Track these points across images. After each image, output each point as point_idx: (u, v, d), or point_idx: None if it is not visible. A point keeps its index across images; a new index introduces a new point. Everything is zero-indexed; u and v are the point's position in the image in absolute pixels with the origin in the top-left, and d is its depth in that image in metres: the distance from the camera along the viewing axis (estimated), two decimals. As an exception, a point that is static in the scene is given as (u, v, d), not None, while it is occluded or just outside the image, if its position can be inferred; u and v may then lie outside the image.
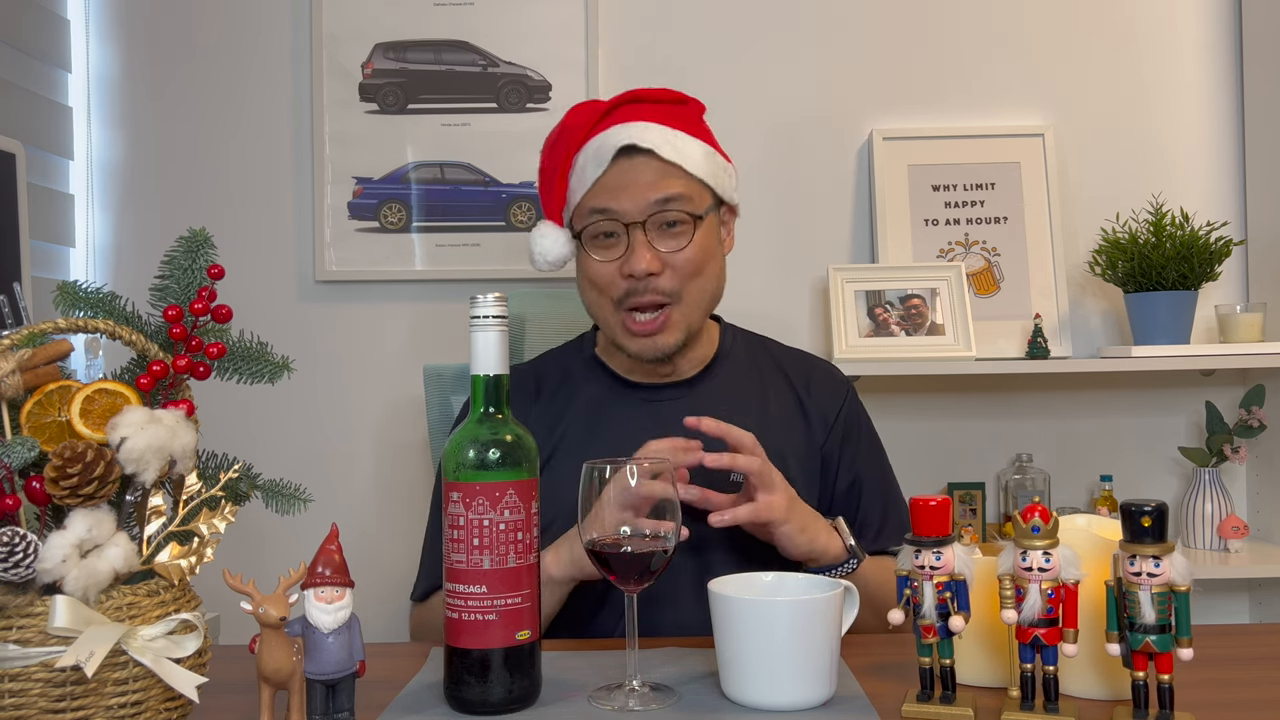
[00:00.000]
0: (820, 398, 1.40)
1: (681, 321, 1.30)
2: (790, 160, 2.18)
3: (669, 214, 1.27)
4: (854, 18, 2.18)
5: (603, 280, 1.29)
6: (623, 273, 1.27)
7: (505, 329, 0.94)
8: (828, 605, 0.91)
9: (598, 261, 1.29)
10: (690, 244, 1.28)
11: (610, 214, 1.27)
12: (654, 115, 1.30)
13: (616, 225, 1.27)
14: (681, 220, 1.28)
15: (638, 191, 1.26)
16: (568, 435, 1.33)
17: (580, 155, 1.30)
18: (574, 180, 1.30)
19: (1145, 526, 0.81)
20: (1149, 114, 2.19)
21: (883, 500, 1.40)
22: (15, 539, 0.77)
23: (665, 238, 1.27)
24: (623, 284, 1.27)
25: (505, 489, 0.90)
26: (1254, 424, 2.05)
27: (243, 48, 2.17)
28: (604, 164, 1.27)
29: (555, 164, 1.32)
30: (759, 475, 1.16)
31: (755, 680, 0.90)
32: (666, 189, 1.27)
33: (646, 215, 1.26)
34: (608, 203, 1.27)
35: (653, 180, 1.27)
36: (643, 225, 1.26)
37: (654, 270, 1.26)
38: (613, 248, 1.28)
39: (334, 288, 2.16)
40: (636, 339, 1.29)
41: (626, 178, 1.27)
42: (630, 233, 1.26)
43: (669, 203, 1.27)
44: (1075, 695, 0.92)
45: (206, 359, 0.94)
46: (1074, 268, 2.16)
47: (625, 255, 1.26)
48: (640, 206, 1.26)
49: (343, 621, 0.85)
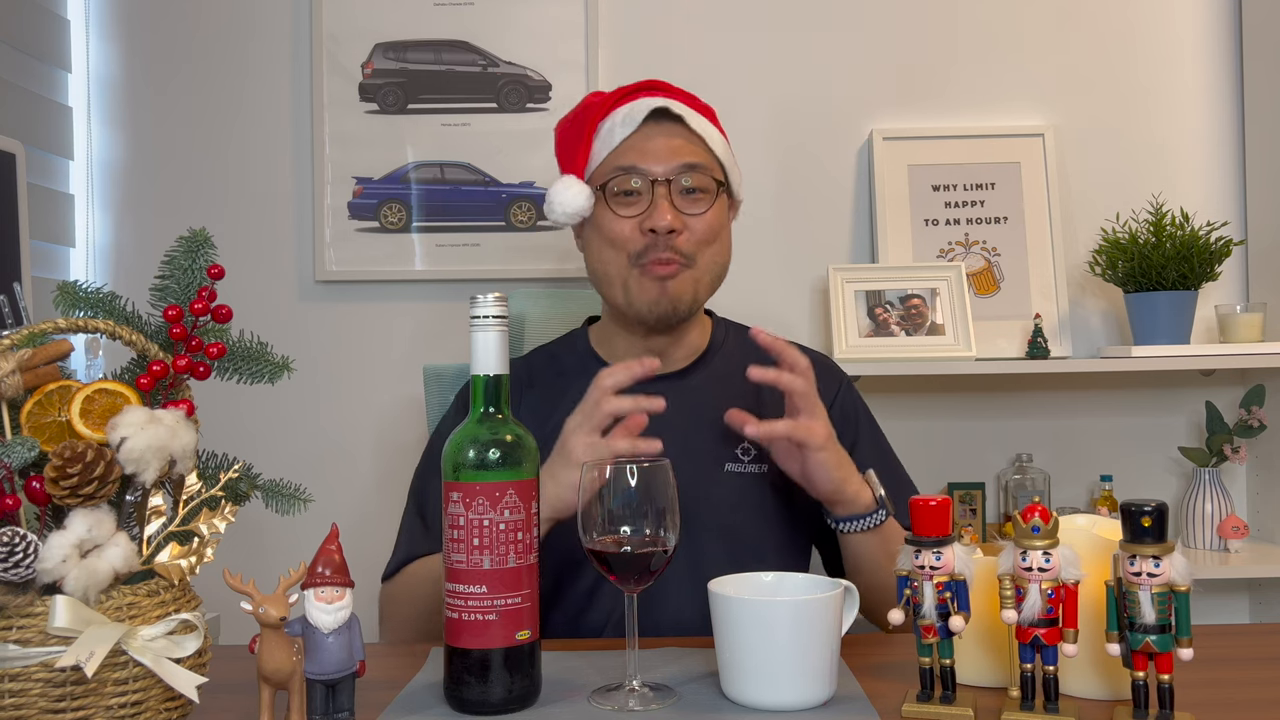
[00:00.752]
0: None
1: (692, 284, 1.32)
2: (790, 160, 2.18)
3: (692, 177, 1.30)
4: (854, 17, 2.18)
5: (621, 236, 1.30)
6: (643, 228, 1.28)
7: (505, 329, 0.94)
8: (828, 605, 0.91)
9: (618, 216, 1.30)
10: (709, 210, 1.31)
11: (636, 171, 1.29)
12: (676, 98, 1.35)
13: (641, 183, 1.29)
14: (702, 188, 1.31)
15: (665, 153, 1.30)
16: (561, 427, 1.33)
17: (607, 121, 1.32)
18: (598, 143, 1.32)
19: (1145, 526, 0.81)
20: (1149, 114, 2.19)
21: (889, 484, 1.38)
22: (15, 539, 0.77)
23: (686, 202, 1.30)
24: (641, 240, 1.29)
25: (505, 489, 0.90)
26: (1254, 424, 2.05)
27: (243, 48, 2.17)
28: (634, 125, 1.30)
29: (579, 130, 1.34)
30: (804, 397, 1.18)
31: (755, 680, 0.90)
32: (692, 155, 1.31)
33: (672, 175, 1.29)
34: (635, 160, 1.29)
35: (680, 145, 1.31)
36: (668, 184, 1.29)
37: (675, 227, 1.28)
38: (634, 204, 1.30)
39: (334, 288, 2.16)
40: (652, 287, 1.30)
41: (655, 141, 1.30)
42: (654, 190, 1.29)
43: (694, 168, 1.30)
44: (1075, 695, 0.92)
45: (206, 359, 0.94)
46: (1074, 268, 2.16)
47: (647, 211, 1.29)
48: (667, 166, 1.29)
49: (343, 621, 0.85)
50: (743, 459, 1.34)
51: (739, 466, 1.34)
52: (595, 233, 1.34)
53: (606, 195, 1.31)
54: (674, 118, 1.31)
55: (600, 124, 1.32)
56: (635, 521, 0.94)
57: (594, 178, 1.33)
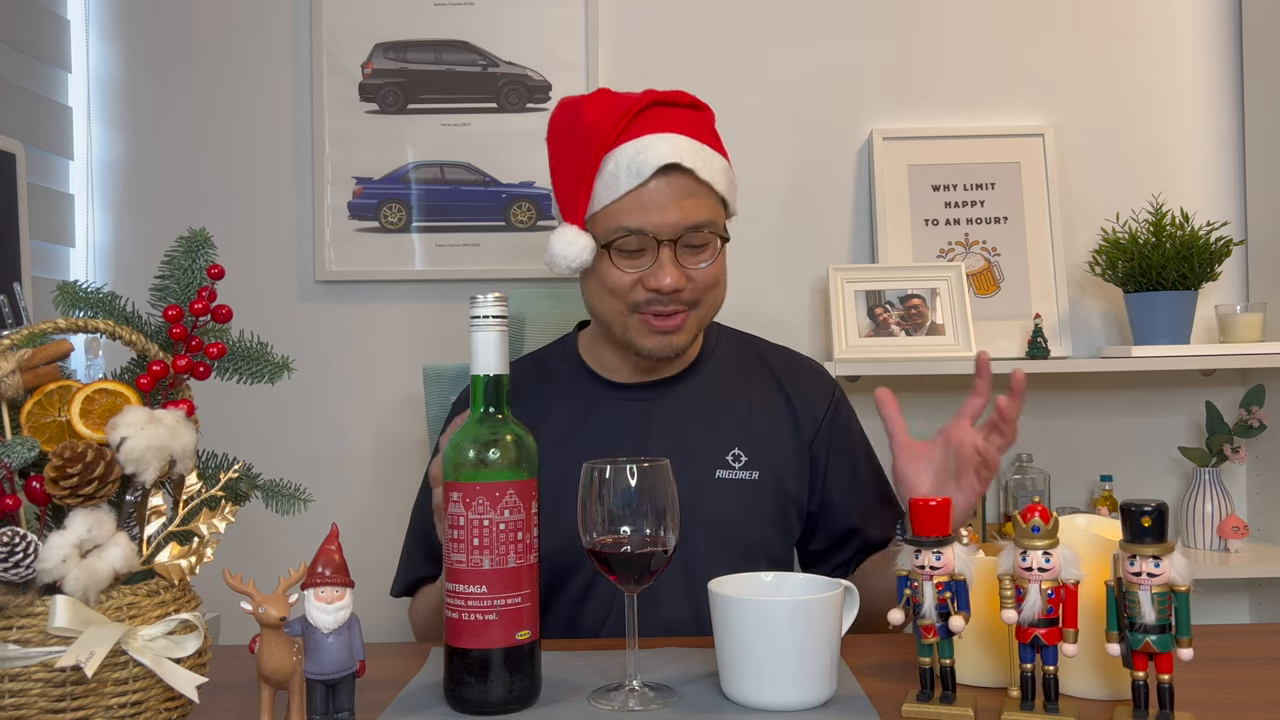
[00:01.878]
0: (808, 395, 1.41)
1: (695, 325, 1.32)
2: (790, 160, 2.18)
3: (698, 235, 1.28)
4: (854, 17, 2.18)
5: (622, 287, 1.28)
6: (647, 285, 1.27)
7: (505, 329, 0.94)
8: (828, 605, 0.91)
9: (620, 270, 1.27)
10: (713, 262, 1.29)
11: (642, 232, 1.25)
12: (680, 123, 1.29)
13: (646, 241, 1.26)
14: (707, 243, 1.29)
15: (671, 213, 1.25)
16: (549, 434, 1.33)
17: (610, 161, 1.26)
18: (601, 186, 1.27)
19: (1145, 526, 0.81)
20: (1149, 114, 2.18)
21: (879, 495, 1.41)
22: (15, 539, 0.77)
23: (690, 254, 1.28)
24: (642, 293, 1.27)
25: (505, 489, 0.90)
26: (1254, 424, 2.05)
27: (243, 48, 2.17)
28: (641, 178, 1.25)
29: (578, 164, 1.29)
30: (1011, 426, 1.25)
31: (755, 680, 0.90)
32: (698, 213, 1.27)
33: (678, 235, 1.26)
34: (642, 222, 1.25)
35: (685, 202, 1.26)
36: (673, 244, 1.26)
37: (679, 286, 1.26)
38: (637, 259, 1.27)
39: (334, 288, 2.16)
40: (652, 337, 1.29)
41: (662, 196, 1.25)
42: (660, 249, 1.26)
43: (700, 227, 1.27)
44: (1075, 695, 0.92)
45: (206, 359, 0.94)
46: (1074, 268, 2.16)
47: (652, 270, 1.26)
48: (673, 227, 1.26)
49: (343, 621, 0.86)
50: (733, 465, 1.34)
51: (730, 473, 1.34)
52: (596, 280, 1.30)
53: (611, 251, 1.27)
54: (683, 169, 1.26)
55: (603, 162, 1.26)
56: (635, 521, 0.94)
57: (595, 223, 1.28)
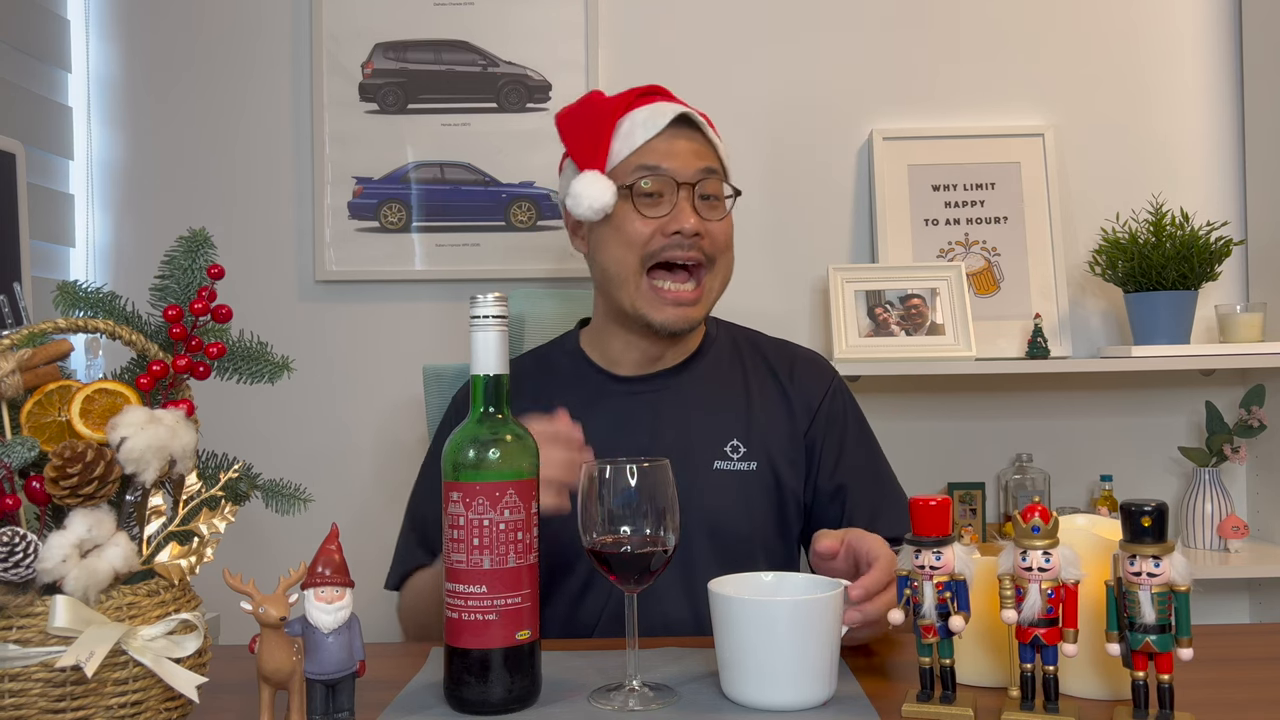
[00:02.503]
0: (803, 385, 1.41)
1: (709, 294, 1.35)
2: (790, 160, 2.17)
3: (712, 184, 1.34)
4: (854, 17, 2.18)
5: (640, 236, 1.31)
6: (666, 230, 1.30)
7: (505, 329, 0.94)
8: (828, 605, 0.91)
9: (641, 216, 1.32)
10: (725, 217, 1.36)
11: (661, 172, 1.31)
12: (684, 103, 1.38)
13: (665, 184, 1.32)
14: (719, 195, 1.35)
15: (689, 158, 1.33)
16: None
17: (625, 121, 1.34)
18: (618, 142, 1.33)
19: (1145, 526, 0.81)
20: (1149, 114, 2.18)
21: (874, 490, 1.38)
22: (15, 539, 0.77)
23: (705, 207, 1.33)
24: (656, 240, 1.31)
25: (505, 489, 0.90)
26: (1254, 424, 2.05)
27: (243, 48, 2.17)
28: (656, 128, 1.32)
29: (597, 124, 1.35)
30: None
31: (755, 680, 0.90)
32: (710, 161, 1.35)
33: (696, 179, 1.32)
34: (660, 161, 1.32)
35: (700, 150, 1.34)
36: (691, 188, 1.32)
37: (700, 231, 1.31)
38: (657, 205, 1.32)
39: (334, 288, 2.16)
40: (665, 309, 1.32)
41: (678, 144, 1.33)
42: (679, 192, 1.31)
43: (713, 174, 1.34)
44: (1075, 695, 0.92)
45: (206, 359, 0.94)
46: (1074, 268, 2.16)
47: (671, 214, 1.31)
48: (691, 171, 1.32)
49: (343, 621, 0.86)
50: (731, 456, 1.34)
51: (728, 464, 1.34)
52: (612, 231, 1.33)
53: (633, 194, 1.32)
54: (693, 125, 1.35)
55: (619, 122, 1.34)
56: (635, 521, 0.94)
57: (615, 174, 1.34)
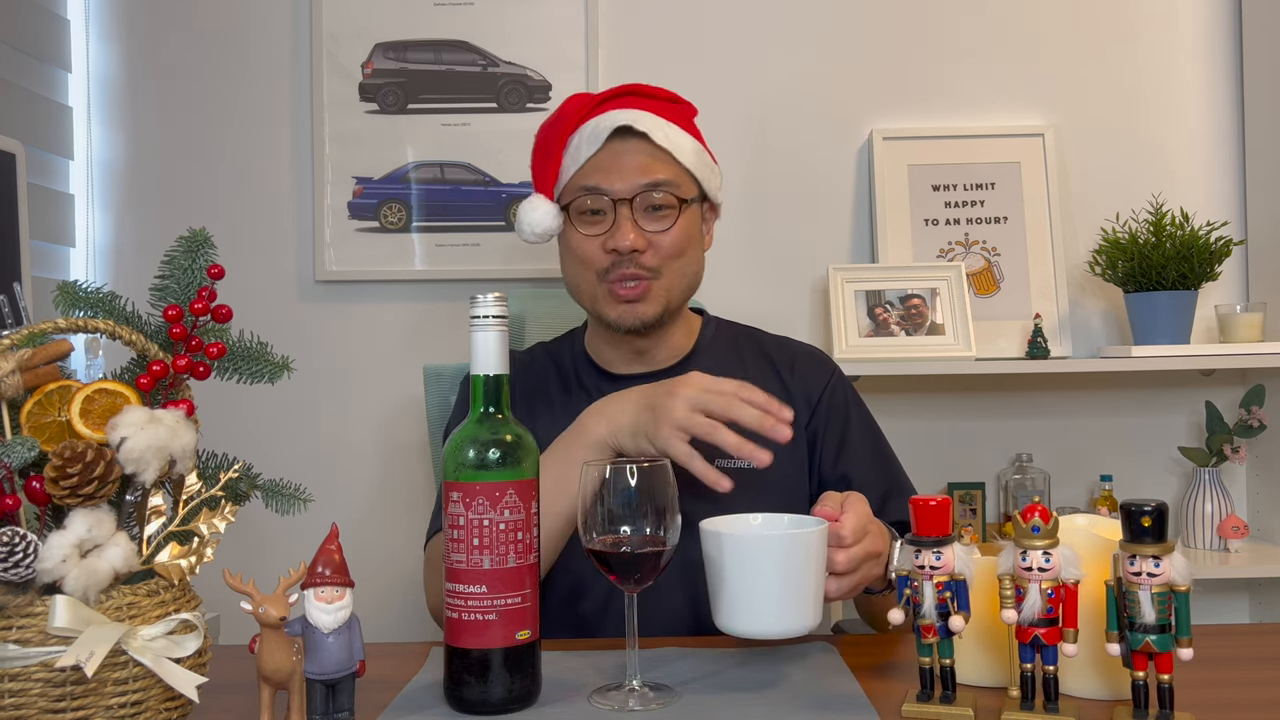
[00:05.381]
0: (803, 378, 1.40)
1: (661, 295, 1.32)
2: (790, 160, 2.18)
3: (655, 197, 1.31)
4: (854, 18, 2.18)
5: (586, 254, 1.32)
6: (606, 247, 1.30)
7: (505, 329, 0.94)
8: (811, 540, 0.96)
9: (583, 235, 1.32)
10: (674, 227, 1.32)
11: (599, 191, 1.30)
12: (649, 107, 1.35)
13: (604, 202, 1.31)
14: (667, 204, 1.32)
15: (628, 172, 1.30)
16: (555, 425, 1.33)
17: (575, 136, 1.33)
18: (567, 159, 1.33)
19: (1145, 526, 0.81)
20: (1149, 114, 2.19)
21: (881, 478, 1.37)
22: (15, 539, 0.77)
23: (650, 219, 1.31)
24: (605, 258, 1.31)
25: (505, 489, 0.90)
26: (1254, 424, 2.05)
27: (243, 48, 2.17)
28: (598, 143, 1.30)
29: (550, 145, 1.35)
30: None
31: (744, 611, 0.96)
32: (655, 173, 1.31)
33: (634, 194, 1.30)
34: (598, 181, 1.30)
35: (643, 163, 1.31)
36: (630, 203, 1.30)
37: (638, 247, 1.29)
38: (598, 223, 1.31)
39: (334, 288, 2.16)
40: (617, 306, 1.32)
41: (619, 159, 1.31)
42: (617, 209, 1.30)
43: (657, 186, 1.31)
44: (1075, 695, 0.92)
45: (206, 359, 0.94)
46: (1074, 268, 2.16)
47: (610, 230, 1.30)
48: (629, 186, 1.30)
49: (343, 621, 0.85)
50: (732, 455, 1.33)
51: (729, 461, 1.33)
52: (566, 249, 1.36)
53: (571, 214, 1.32)
54: (638, 134, 1.31)
55: (570, 140, 1.33)
56: (635, 521, 0.94)
57: (562, 195, 1.34)
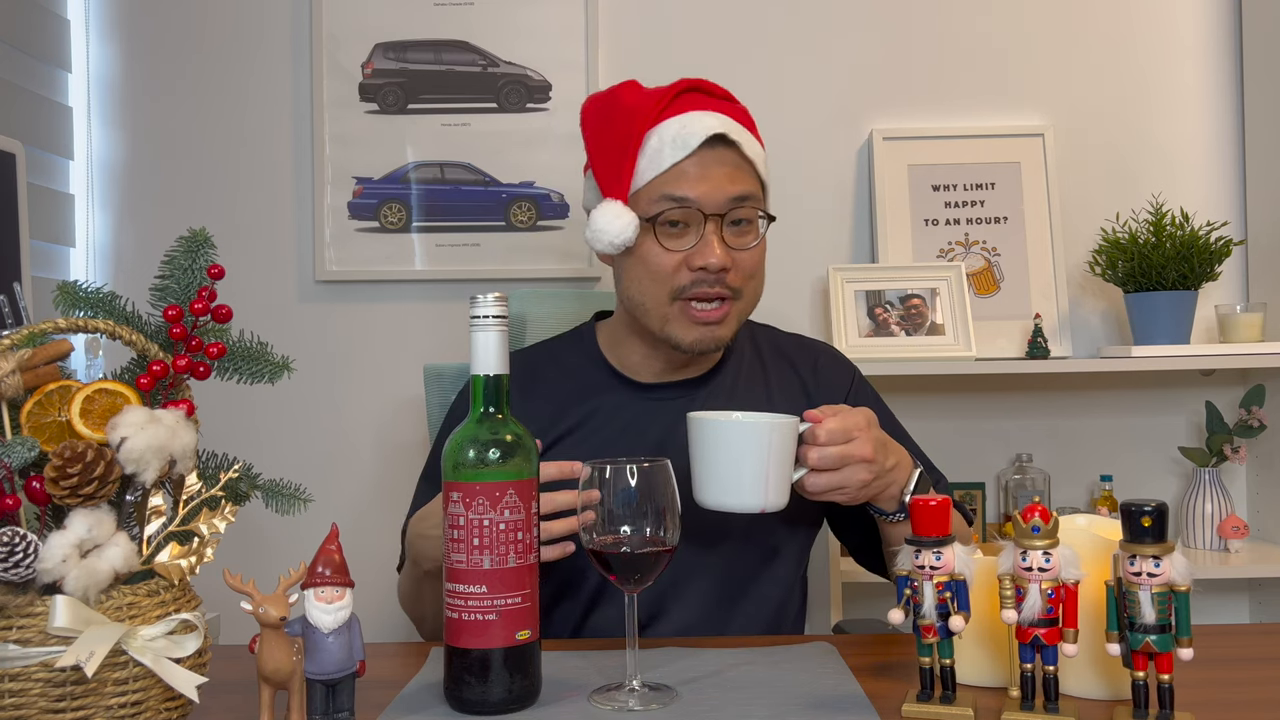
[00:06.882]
0: (826, 379, 1.39)
1: (737, 316, 1.28)
2: (790, 160, 2.17)
3: (743, 211, 1.25)
4: (854, 18, 2.18)
5: (663, 269, 1.24)
6: (691, 264, 1.23)
7: (505, 329, 0.94)
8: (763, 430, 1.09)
9: (663, 249, 1.23)
10: (757, 244, 1.27)
11: (688, 203, 1.22)
12: (719, 106, 1.28)
13: (691, 214, 1.23)
14: (748, 219, 1.26)
15: (718, 184, 1.23)
16: (570, 430, 1.32)
17: (653, 136, 1.24)
18: (644, 161, 1.24)
19: (1145, 526, 0.81)
20: (1149, 114, 2.19)
21: None
22: (15, 539, 0.77)
23: (734, 235, 1.25)
24: (687, 275, 1.24)
25: (505, 489, 0.90)
26: (1254, 424, 2.05)
27: (243, 47, 2.17)
28: (688, 149, 1.22)
29: (620, 142, 1.26)
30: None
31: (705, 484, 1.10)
32: (744, 185, 1.24)
33: (725, 209, 1.23)
34: (688, 191, 1.22)
35: (732, 174, 1.24)
36: (720, 218, 1.23)
37: (726, 266, 1.23)
38: (682, 237, 1.24)
39: (334, 288, 2.16)
40: (696, 328, 1.25)
41: (709, 168, 1.23)
42: (705, 224, 1.23)
43: (746, 200, 1.25)
44: (1075, 695, 0.92)
45: (206, 359, 0.94)
46: (1074, 268, 2.16)
47: (697, 247, 1.23)
48: (720, 200, 1.23)
49: (343, 621, 0.85)
50: None
51: None
52: (637, 262, 1.26)
53: (655, 226, 1.23)
54: (729, 143, 1.24)
55: (647, 137, 1.24)
56: (635, 521, 0.94)
57: (638, 200, 1.25)
